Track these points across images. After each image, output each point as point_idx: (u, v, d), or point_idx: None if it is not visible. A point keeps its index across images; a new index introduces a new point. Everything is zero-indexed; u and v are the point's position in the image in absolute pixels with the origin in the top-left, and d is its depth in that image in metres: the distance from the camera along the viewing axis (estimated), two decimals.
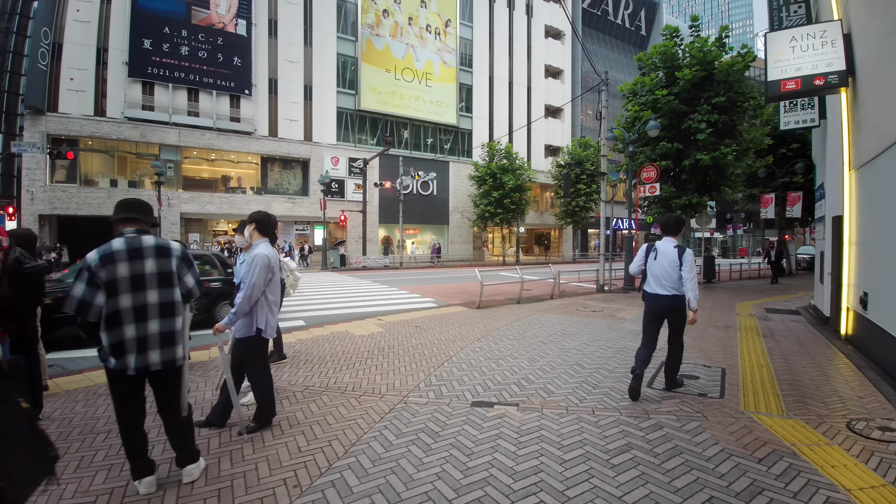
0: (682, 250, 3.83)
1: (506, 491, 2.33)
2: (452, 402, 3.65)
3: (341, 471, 2.58)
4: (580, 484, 2.40)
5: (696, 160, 13.22)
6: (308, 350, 5.65)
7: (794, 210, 19.78)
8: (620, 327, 7.02)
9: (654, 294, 3.91)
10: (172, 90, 22.91)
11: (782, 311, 9.12)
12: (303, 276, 8.04)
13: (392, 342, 6.07)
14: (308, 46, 26.02)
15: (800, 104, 8.64)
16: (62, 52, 21.36)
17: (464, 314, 8.48)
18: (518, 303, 10.10)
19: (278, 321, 3.69)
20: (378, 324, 7.47)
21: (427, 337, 6.40)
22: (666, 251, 3.87)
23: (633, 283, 12.94)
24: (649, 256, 3.96)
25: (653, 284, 3.91)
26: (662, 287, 3.84)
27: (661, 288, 3.84)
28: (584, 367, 4.68)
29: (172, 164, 23.40)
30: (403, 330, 6.93)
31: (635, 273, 4.13)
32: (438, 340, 6.17)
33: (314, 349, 5.69)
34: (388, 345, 5.91)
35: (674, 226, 3.99)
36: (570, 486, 2.37)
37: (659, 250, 3.93)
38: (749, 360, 5.10)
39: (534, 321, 7.64)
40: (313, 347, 5.79)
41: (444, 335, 6.52)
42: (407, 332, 6.79)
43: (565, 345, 5.80)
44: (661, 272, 3.84)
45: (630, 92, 15.32)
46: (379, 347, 5.76)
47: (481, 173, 27.03)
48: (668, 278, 3.81)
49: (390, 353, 5.43)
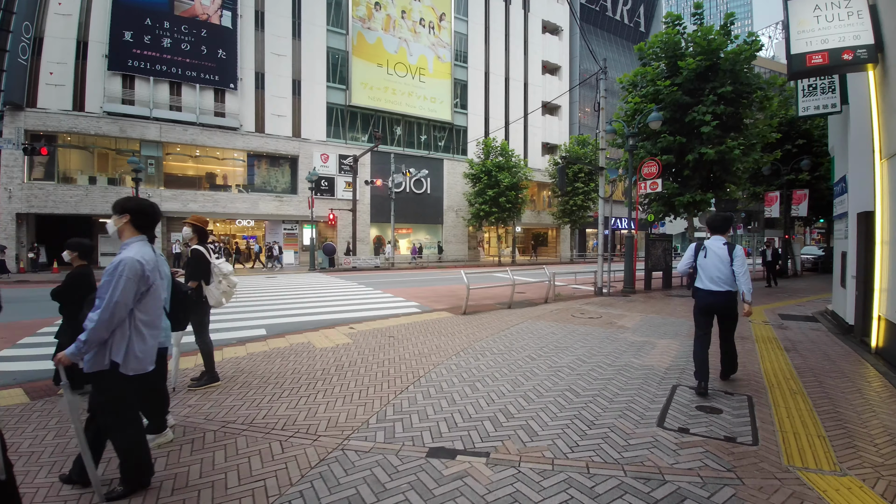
0: (732, 247, 3.92)
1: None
2: (404, 449, 2.79)
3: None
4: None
5: (700, 154, 12.41)
6: (253, 368, 4.78)
7: (801, 209, 19.00)
8: (621, 338, 6.17)
9: (706, 291, 3.98)
10: (154, 84, 22.01)
11: (798, 318, 8.30)
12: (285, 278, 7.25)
13: (356, 357, 5.21)
14: (297, 39, 25.13)
15: (819, 87, 7.81)
16: (42, 46, 20.57)
17: (447, 321, 7.63)
18: (509, 307, 9.25)
19: (174, 346, 2.82)
20: (347, 333, 6.60)
21: (399, 350, 5.54)
22: (716, 249, 3.98)
23: (633, 285, 12.11)
24: (699, 255, 4.06)
25: (705, 281, 4.00)
26: (715, 284, 3.93)
27: (714, 284, 3.94)
28: (577, 394, 3.83)
29: (154, 160, 22.49)
30: (374, 341, 6.08)
31: (683, 272, 4.28)
32: (411, 355, 5.31)
33: (261, 367, 4.83)
34: (351, 361, 5.05)
35: (721, 224, 4.09)
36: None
37: (709, 248, 4.03)
38: (777, 382, 4.25)
39: (524, 330, 6.79)
40: (261, 364, 4.93)
41: (419, 348, 5.67)
42: (377, 343, 5.93)
43: (557, 361, 4.95)
44: (713, 269, 3.94)
45: (630, 83, 14.50)
46: (338, 364, 4.90)
47: (476, 171, 26.18)
48: (720, 275, 3.91)
49: (349, 373, 4.57)
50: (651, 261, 13.08)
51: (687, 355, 5.17)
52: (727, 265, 3.89)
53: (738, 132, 13.17)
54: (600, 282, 11.69)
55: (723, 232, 4.10)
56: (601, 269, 11.75)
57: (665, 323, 7.40)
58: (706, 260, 4.00)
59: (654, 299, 10.70)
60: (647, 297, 11.07)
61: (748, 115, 13.34)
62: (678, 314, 8.40)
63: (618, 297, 10.99)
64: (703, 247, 4.07)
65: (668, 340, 5.99)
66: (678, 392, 3.85)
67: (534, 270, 20.40)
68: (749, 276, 3.82)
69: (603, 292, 11.63)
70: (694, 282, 4.15)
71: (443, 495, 2.27)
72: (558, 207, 30.67)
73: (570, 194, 29.28)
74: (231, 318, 8.18)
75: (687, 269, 4.21)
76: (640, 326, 7.03)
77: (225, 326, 7.33)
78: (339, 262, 23.49)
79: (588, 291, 12.46)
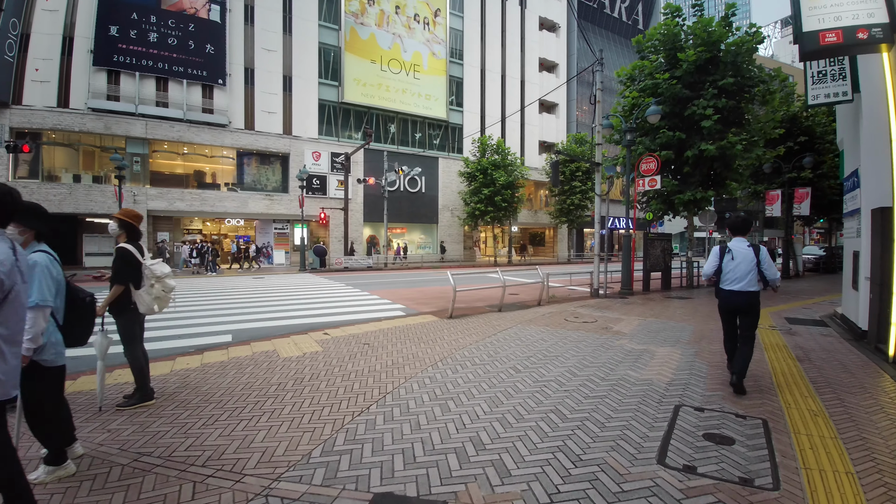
0: (758, 248, 4.06)
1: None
2: (342, 497, 2.25)
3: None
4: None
5: (700, 150, 11.89)
6: (201, 382, 4.24)
7: (802, 207, 18.52)
8: (616, 346, 5.64)
9: (729, 291, 4.11)
10: (139, 79, 21.44)
11: (806, 322, 7.78)
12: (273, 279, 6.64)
13: (321, 369, 4.66)
14: (287, 35, 24.56)
15: (829, 74, 7.31)
16: (29, 42, 20.09)
17: (431, 326, 7.09)
18: (499, 311, 8.72)
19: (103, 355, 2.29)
20: (320, 340, 6.06)
21: (371, 360, 5.00)
22: (741, 250, 4.08)
23: (631, 286, 11.59)
24: (725, 257, 4.15)
25: (730, 282, 4.11)
26: (739, 284, 4.04)
27: (738, 285, 4.05)
28: (564, 417, 3.29)
29: (139, 157, 21.92)
30: (346, 349, 5.53)
31: (709, 275, 4.28)
32: (382, 366, 4.77)
33: (211, 381, 4.28)
34: (314, 373, 4.51)
35: (742, 226, 4.20)
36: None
37: (734, 250, 4.12)
38: (794, 400, 3.72)
39: (511, 336, 6.26)
40: (212, 378, 4.38)
41: (394, 357, 5.13)
42: (349, 352, 5.39)
43: (544, 374, 4.41)
44: (739, 271, 4.05)
45: (628, 77, 13.99)
46: (298, 378, 4.35)
47: (471, 169, 25.65)
48: (744, 276, 4.03)
49: (307, 389, 4.03)
50: (649, 261, 12.57)
51: (690, 367, 4.65)
52: (753, 266, 4.01)
53: (740, 127, 12.68)
54: (596, 283, 11.17)
55: (744, 233, 4.21)
56: (597, 270, 11.23)
57: (664, 328, 6.87)
58: (732, 262, 4.10)
59: (653, 301, 10.19)
60: (646, 300, 10.56)
61: (749, 111, 12.84)
62: (678, 318, 7.88)
63: (615, 300, 10.47)
64: (728, 249, 4.16)
65: (668, 349, 5.46)
66: (682, 414, 3.31)
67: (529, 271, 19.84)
68: (776, 270, 4.10)
69: (599, 294, 11.11)
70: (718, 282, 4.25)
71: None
72: (555, 207, 30.17)
73: (568, 193, 28.80)
74: (198, 322, 7.62)
75: (713, 271, 4.24)
76: (637, 332, 6.51)
77: (188, 332, 6.78)
78: (330, 263, 22.93)
79: (584, 293, 11.94)
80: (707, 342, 5.85)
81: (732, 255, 4.11)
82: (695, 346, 5.65)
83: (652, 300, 10.45)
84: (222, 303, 9.99)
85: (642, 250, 12.66)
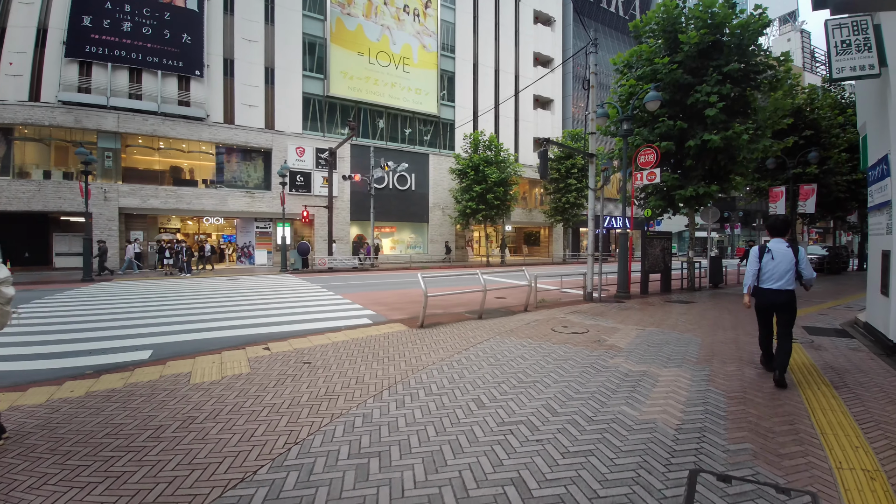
0: (796, 248, 4.17)
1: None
2: None
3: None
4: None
5: (703, 141, 10.92)
6: (66, 419, 3.20)
7: (808, 205, 17.60)
8: (610, 366, 4.63)
9: (768, 289, 4.21)
10: (112, 70, 20.34)
11: (828, 332, 6.80)
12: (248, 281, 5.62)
13: (229, 402, 3.63)
14: (270, 24, 23.48)
15: (854, 44, 6.32)
16: (5, 36, 19.16)
17: (395, 338, 6.07)
18: (479, 318, 7.71)
19: None
20: (254, 358, 5.03)
21: (300, 388, 3.98)
22: (780, 250, 4.19)
23: (628, 289, 10.60)
24: (764, 257, 4.23)
25: (768, 281, 4.19)
26: (778, 283, 4.14)
27: (777, 284, 4.14)
28: (529, 494, 2.27)
29: (111, 152, 20.79)
30: (280, 370, 4.51)
31: (753, 275, 4.29)
32: (311, 397, 3.75)
33: (79, 417, 3.25)
34: (215, 409, 3.48)
35: (781, 227, 4.31)
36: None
37: (773, 250, 4.21)
38: (846, 458, 2.72)
39: (486, 351, 5.25)
40: (83, 413, 3.34)
41: (333, 383, 4.10)
42: (281, 375, 4.37)
43: (514, 411, 3.40)
44: (777, 270, 4.15)
45: (624, 65, 13.01)
46: (190, 417, 3.32)
47: (462, 166, 24.62)
48: (783, 275, 4.13)
49: (189, 436, 2.99)
50: (648, 261, 11.59)
51: (703, 399, 3.64)
52: (792, 265, 4.14)
53: (745, 117, 11.71)
54: (590, 286, 10.17)
55: (783, 234, 4.32)
56: (591, 272, 10.23)
57: (667, 340, 5.87)
58: (772, 262, 4.21)
59: (653, 307, 9.20)
60: (644, 304, 9.57)
61: (755, 99, 11.87)
62: (682, 327, 6.88)
63: (610, 304, 9.47)
64: (768, 249, 4.26)
65: (673, 371, 4.46)
66: (701, 488, 2.29)
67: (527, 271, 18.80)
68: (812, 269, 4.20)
69: (593, 298, 10.12)
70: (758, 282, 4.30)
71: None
72: (550, 205, 29.20)
73: (563, 191, 27.84)
74: (121, 334, 6.57)
75: (755, 271, 4.29)
76: (636, 346, 5.50)
77: (102, 347, 5.74)
78: (313, 263, 21.86)
79: (577, 296, 10.95)
80: (720, 361, 4.85)
81: (772, 255, 4.21)
82: (705, 366, 4.64)
83: (651, 305, 9.46)
84: (169, 308, 8.93)
85: (640, 250, 11.69)
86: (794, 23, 63.55)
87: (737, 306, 9.36)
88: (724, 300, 10.39)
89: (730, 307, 9.21)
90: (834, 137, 18.13)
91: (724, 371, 4.45)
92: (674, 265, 12.90)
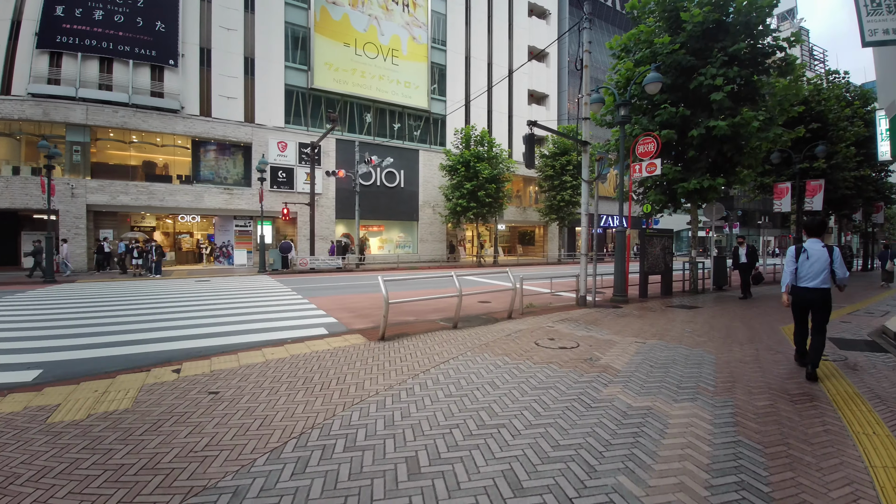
0: (832, 249, 4.28)
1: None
2: None
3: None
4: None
5: (707, 129, 9.91)
6: None
7: (815, 202, 16.63)
8: (603, 399, 3.57)
9: (804, 288, 4.30)
10: (81, 60, 19.17)
11: (858, 345, 5.78)
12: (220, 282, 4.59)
13: (57, 461, 2.55)
14: (249, 12, 22.32)
15: (885, 5, 5.32)
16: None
17: (344, 354, 4.99)
18: (454, 327, 6.65)
19: None
20: (149, 386, 3.94)
21: (179, 435, 2.90)
22: (816, 250, 4.27)
23: (625, 292, 9.56)
24: (801, 257, 4.31)
25: (805, 280, 4.29)
26: (813, 282, 4.23)
27: (813, 282, 4.23)
28: None
29: (79, 146, 19.59)
30: (169, 405, 3.43)
31: (790, 274, 4.39)
32: (180, 454, 2.67)
33: None
34: (35, 467, 2.39)
35: (818, 228, 4.42)
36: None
37: (809, 250, 4.31)
38: None
39: (448, 375, 4.18)
40: None
41: (227, 427, 3.03)
42: (168, 412, 3.29)
43: (460, 484, 2.33)
44: (813, 269, 4.24)
45: (622, 48, 11.99)
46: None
47: (452, 161, 23.55)
48: (819, 274, 4.21)
49: None
50: (647, 262, 10.57)
51: (735, 460, 2.58)
52: (827, 265, 4.21)
53: (753, 103, 10.71)
54: (583, 289, 9.13)
55: (819, 234, 4.40)
56: (584, 273, 9.18)
57: (674, 358, 4.82)
58: (808, 261, 4.27)
59: (653, 312, 8.16)
60: (644, 309, 8.53)
61: (764, 85, 10.87)
62: (689, 339, 5.84)
63: (606, 310, 8.42)
64: (804, 249, 4.35)
65: (687, 407, 3.40)
66: None
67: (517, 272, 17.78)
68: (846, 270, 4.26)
69: (587, 302, 9.07)
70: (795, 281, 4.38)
71: None
72: (545, 203, 28.19)
73: (558, 189, 26.83)
74: (7, 347, 5.46)
75: (792, 270, 4.37)
76: (636, 367, 4.45)
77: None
78: (294, 264, 20.74)
79: (569, 300, 9.91)
80: (744, 391, 3.78)
81: (808, 255, 4.28)
82: (727, 399, 3.59)
83: (651, 310, 8.42)
84: (96, 317, 7.81)
85: (639, 249, 10.67)
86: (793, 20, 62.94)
87: (747, 312, 8.33)
88: (731, 305, 9.37)
89: (740, 313, 8.18)
90: (841, 131, 17.19)
91: (754, 407, 3.39)
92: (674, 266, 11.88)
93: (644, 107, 11.51)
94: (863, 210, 22.37)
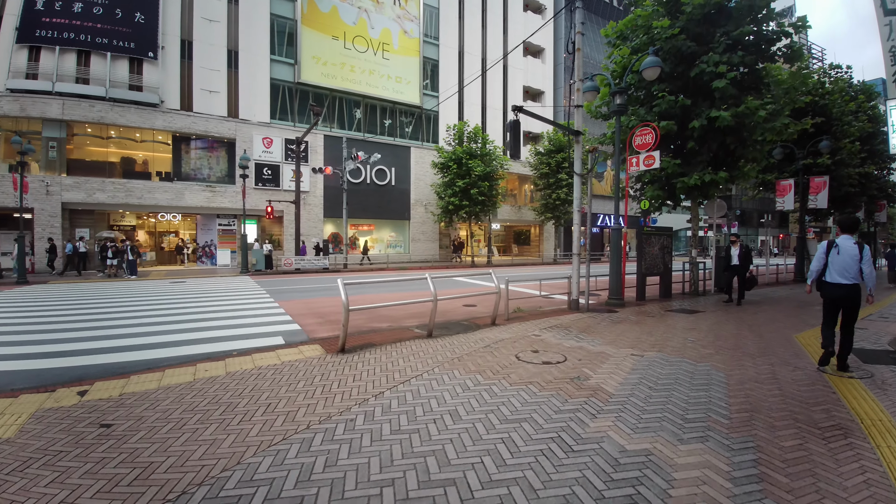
0: (862, 246, 4.27)
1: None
2: None
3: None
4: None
5: (709, 119, 9.20)
6: None
7: (819, 199, 15.98)
8: (593, 436, 2.83)
9: (835, 284, 4.36)
10: (59, 54, 18.43)
11: (882, 357, 5.07)
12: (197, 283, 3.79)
13: None
14: (233, 3, 21.53)
15: None
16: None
17: (291, 370, 4.25)
18: (429, 335, 5.92)
19: None
20: (41, 412, 3.19)
21: (34, 484, 2.15)
22: (847, 247, 4.31)
23: (621, 294, 8.84)
24: (831, 252, 4.38)
25: (834, 276, 4.35)
26: (844, 278, 4.29)
27: (843, 278, 4.30)
28: None
29: (56, 142, 18.79)
30: (52, 438, 2.68)
31: (818, 269, 4.49)
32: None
33: None
34: None
35: (852, 225, 4.46)
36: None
37: (840, 246, 4.34)
38: None
39: (404, 400, 3.44)
40: None
41: (96, 476, 2.28)
42: (38, 452, 2.53)
43: None
44: (844, 265, 4.29)
45: (617, 35, 11.28)
46: None
47: (444, 158, 22.81)
48: (849, 270, 4.27)
49: None
50: (645, 262, 9.85)
51: None
52: (856, 262, 4.22)
53: (758, 93, 10.02)
54: (576, 291, 8.40)
55: (852, 231, 4.42)
56: (577, 275, 8.46)
57: (677, 377, 4.09)
58: (839, 257, 4.31)
59: (651, 318, 7.44)
60: (641, 314, 7.81)
61: (769, 73, 10.18)
62: (693, 352, 5.11)
63: (600, 314, 7.70)
64: (835, 244, 4.36)
65: (696, 451, 2.66)
66: None
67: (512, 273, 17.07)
68: (874, 273, 4.25)
69: (580, 305, 8.35)
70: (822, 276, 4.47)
71: None
72: (540, 202, 27.48)
73: (553, 187, 26.13)
74: None
75: (821, 266, 4.44)
76: (632, 390, 3.72)
77: None
78: (279, 264, 19.95)
79: (561, 303, 9.19)
80: (766, 426, 3.03)
81: (838, 251, 4.32)
82: (745, 437, 2.85)
83: (650, 315, 7.70)
84: (38, 323, 7.04)
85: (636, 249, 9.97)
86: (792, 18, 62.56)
87: (755, 318, 7.62)
88: (736, 309, 8.66)
89: (747, 319, 7.47)
90: (846, 126, 16.54)
91: (780, 450, 2.66)
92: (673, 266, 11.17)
93: (641, 97, 10.81)
94: (865, 208, 21.74)
